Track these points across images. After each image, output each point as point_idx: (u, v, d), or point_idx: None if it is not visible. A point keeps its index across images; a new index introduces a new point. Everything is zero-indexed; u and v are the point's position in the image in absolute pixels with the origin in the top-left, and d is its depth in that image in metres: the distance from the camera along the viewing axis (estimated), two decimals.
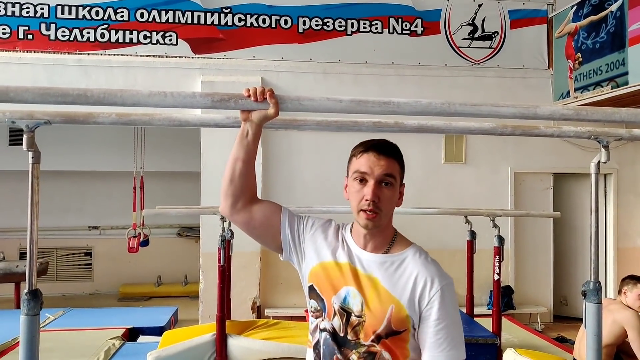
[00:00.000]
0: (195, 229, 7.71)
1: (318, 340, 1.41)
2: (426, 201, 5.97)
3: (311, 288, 1.43)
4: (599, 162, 1.83)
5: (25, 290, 1.72)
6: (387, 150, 1.41)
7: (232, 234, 4.13)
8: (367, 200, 1.34)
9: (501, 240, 4.06)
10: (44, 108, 1.80)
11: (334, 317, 1.37)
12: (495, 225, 4.08)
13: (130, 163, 6.99)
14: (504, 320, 5.42)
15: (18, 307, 6.29)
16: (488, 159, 6.31)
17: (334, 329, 1.37)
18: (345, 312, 1.36)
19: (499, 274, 4.07)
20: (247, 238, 5.15)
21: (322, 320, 1.39)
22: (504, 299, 6.04)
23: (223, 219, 3.75)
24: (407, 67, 6.18)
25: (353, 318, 1.36)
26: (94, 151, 7.44)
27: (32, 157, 1.74)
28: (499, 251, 4.06)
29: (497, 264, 4.05)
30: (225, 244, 3.75)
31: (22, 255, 7.68)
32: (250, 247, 5.66)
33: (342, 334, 1.36)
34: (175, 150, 7.51)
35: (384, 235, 1.41)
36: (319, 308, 1.41)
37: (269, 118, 1.38)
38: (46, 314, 5.45)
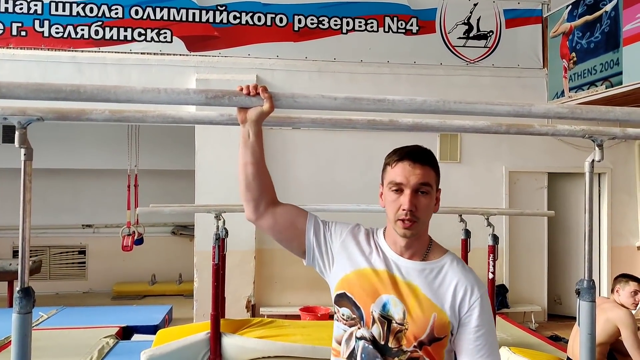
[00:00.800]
0: (189, 228, 7.69)
1: (354, 349, 1.38)
2: None
3: (343, 295, 1.40)
4: (593, 160, 1.83)
5: (18, 288, 1.71)
6: (422, 158, 1.40)
7: (226, 232, 4.12)
8: (404, 210, 1.34)
9: (495, 239, 4.08)
10: (36, 104, 1.79)
11: (373, 325, 1.36)
12: (489, 224, 4.10)
13: (124, 161, 6.96)
14: (498, 319, 5.46)
15: (11, 305, 6.25)
16: (483, 158, 6.32)
17: (373, 337, 1.35)
18: (386, 319, 1.35)
19: (494, 273, 4.09)
20: (241, 236, 5.17)
21: (359, 328, 1.37)
22: (498, 297, 6.06)
23: (218, 216, 3.74)
24: (403, 66, 6.18)
25: (394, 325, 1.35)
26: (88, 149, 7.40)
27: (25, 154, 1.72)
28: (493, 250, 4.07)
29: (491, 262, 4.07)
30: (220, 242, 3.74)
31: (15, 254, 7.63)
32: (244, 246, 5.66)
33: (382, 342, 1.35)
34: (169, 149, 7.49)
35: (421, 243, 1.41)
36: (354, 316, 1.38)
37: (265, 114, 1.38)
38: (39, 313, 5.42)
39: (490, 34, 6.37)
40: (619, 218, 6.56)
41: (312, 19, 6.05)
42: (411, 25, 6.24)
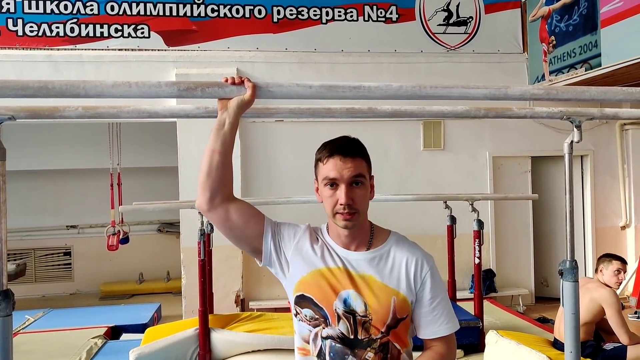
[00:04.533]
0: (175, 225, 7.63)
1: (321, 348, 1.41)
2: (405, 188, 6.01)
3: (302, 297, 1.43)
4: (572, 142, 1.84)
5: None
6: (352, 151, 1.41)
7: (211, 227, 4.08)
8: (342, 204, 1.37)
9: (480, 224, 4.11)
10: (7, 103, 1.75)
11: (339, 322, 1.39)
12: (474, 210, 4.12)
13: (106, 160, 6.87)
14: (486, 303, 5.50)
15: None
16: (466, 144, 6.35)
17: (342, 333, 1.39)
18: (350, 314, 1.39)
19: (480, 258, 4.12)
20: None
21: (325, 327, 1.40)
22: (485, 282, 6.12)
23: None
24: (384, 55, 6.17)
25: (359, 318, 1.39)
26: (69, 149, 7.29)
27: None
28: (478, 235, 4.10)
29: (477, 247, 4.10)
30: (205, 237, 3.71)
31: None
32: None
33: (352, 336, 1.38)
34: (151, 146, 7.40)
35: (363, 232, 1.45)
36: (317, 317, 1.41)
37: (246, 103, 1.37)
38: (25, 316, 5.35)
39: (470, 20, 6.38)
40: (602, 199, 6.65)
41: (291, 10, 6.00)
42: (391, 13, 6.22)
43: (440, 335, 1.41)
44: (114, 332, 4.89)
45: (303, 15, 6.03)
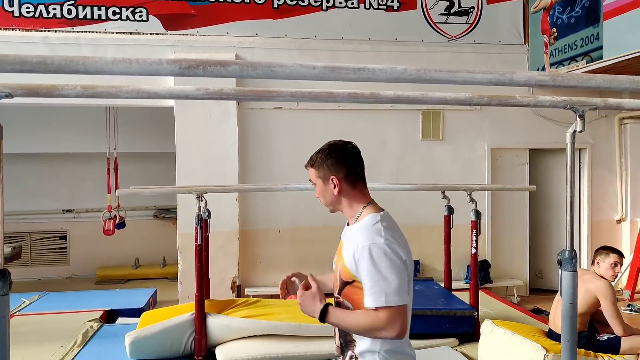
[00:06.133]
0: (172, 211, 7.61)
1: None
2: (403, 177, 6.00)
3: None
4: (574, 131, 1.84)
5: None
6: (307, 164, 1.79)
7: (208, 213, 4.08)
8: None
9: (478, 214, 4.11)
10: (4, 80, 1.72)
11: None
12: (472, 200, 4.12)
13: (103, 144, 6.83)
14: (481, 293, 5.51)
15: None
16: (465, 135, 6.34)
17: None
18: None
19: (476, 248, 4.13)
20: (225, 218, 5.12)
21: None
22: (481, 273, 6.14)
23: (199, 197, 3.69)
24: (384, 43, 6.13)
25: (332, 278, 1.80)
26: (66, 133, 7.23)
27: None
28: (476, 225, 4.11)
29: (474, 238, 4.11)
30: (202, 223, 3.70)
31: None
32: (228, 227, 5.62)
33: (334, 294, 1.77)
34: (148, 131, 7.35)
35: (351, 212, 1.76)
36: None
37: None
38: (21, 299, 5.35)
39: (472, 10, 6.34)
40: (599, 193, 6.66)
41: None
42: (392, 1, 6.16)
43: (368, 307, 1.58)
44: (109, 316, 4.90)
45: (303, 1, 5.97)
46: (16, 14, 5.50)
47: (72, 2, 5.57)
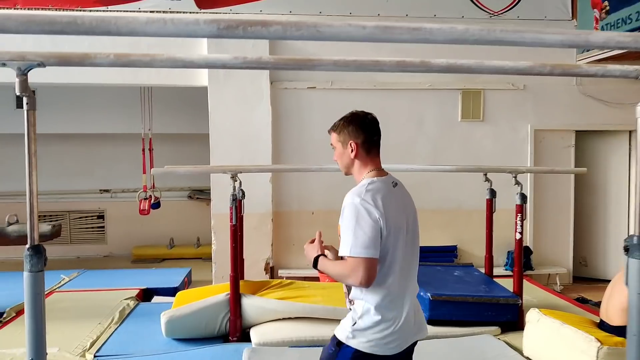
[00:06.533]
0: (205, 192, 7.63)
1: None
2: (441, 159, 5.81)
3: None
4: None
5: (27, 246, 1.60)
6: (330, 129, 2.02)
7: (243, 193, 4.01)
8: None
9: (524, 198, 3.92)
10: (36, 49, 1.66)
11: None
12: (517, 183, 3.93)
13: (138, 125, 6.86)
14: (522, 281, 5.32)
15: None
16: (506, 116, 6.07)
17: None
18: None
19: (521, 233, 3.94)
20: (258, 199, 5.03)
21: None
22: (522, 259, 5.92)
23: (234, 177, 3.62)
24: (423, 20, 5.86)
25: None
26: (102, 114, 7.30)
27: (27, 103, 1.59)
28: (521, 209, 3.91)
29: (519, 222, 3.92)
30: (237, 203, 3.63)
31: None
32: (261, 208, 5.56)
33: None
34: (183, 112, 7.35)
35: (359, 176, 1.94)
36: None
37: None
38: (61, 275, 5.45)
39: None
40: None
41: None
42: None
43: (340, 255, 1.80)
44: (145, 294, 4.93)
45: None
46: None
47: None
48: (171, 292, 4.93)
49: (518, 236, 3.93)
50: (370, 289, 1.77)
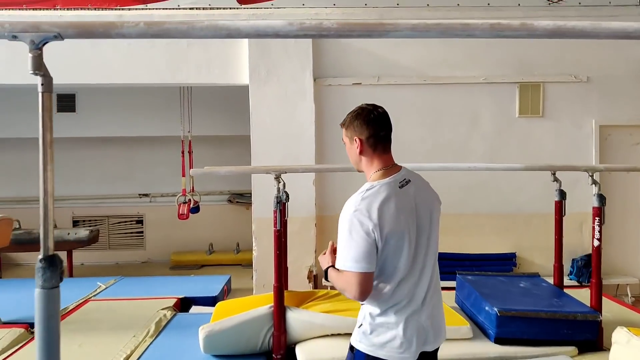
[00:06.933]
0: (246, 196, 7.41)
1: None
2: (498, 158, 5.39)
3: None
4: None
5: (40, 256, 1.32)
6: (341, 123, 1.96)
7: (287, 195, 3.70)
8: None
9: (602, 199, 3.45)
10: (53, 18, 1.40)
11: None
12: (594, 182, 3.47)
13: (177, 128, 6.70)
14: (589, 292, 4.81)
15: (71, 275, 6.20)
16: (569, 111, 5.58)
17: None
18: None
19: (600, 240, 3.48)
20: (301, 202, 4.71)
21: None
22: (587, 268, 5.40)
23: (278, 178, 3.32)
24: (475, 9, 5.47)
25: None
26: (140, 116, 7.20)
27: (42, 84, 1.31)
28: (599, 212, 3.45)
29: (597, 227, 3.46)
30: (281, 206, 3.31)
31: (75, 223, 7.62)
32: (304, 212, 5.25)
33: None
34: (223, 113, 7.17)
35: (367, 175, 1.89)
36: None
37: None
38: (97, 283, 5.29)
39: None
40: None
41: None
42: None
43: (336, 268, 1.78)
44: (183, 304, 4.70)
45: None
46: None
47: None
48: (210, 301, 4.68)
49: (596, 243, 3.47)
50: (373, 296, 1.75)
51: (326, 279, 1.88)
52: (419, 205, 1.81)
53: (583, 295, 4.22)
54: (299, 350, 3.28)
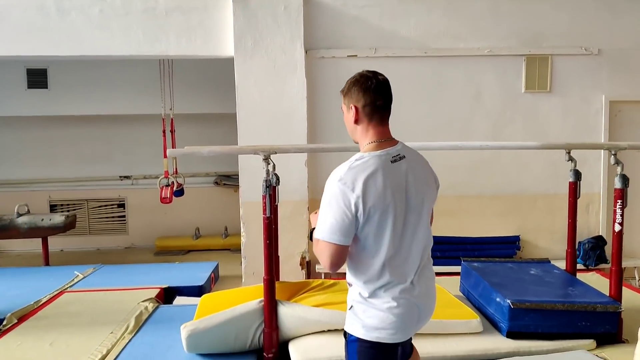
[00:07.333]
0: (233, 177, 7.04)
1: None
2: (502, 136, 5.08)
3: None
4: None
5: None
6: (340, 91, 1.87)
7: (277, 179, 3.35)
8: None
9: (625, 180, 3.15)
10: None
11: None
12: (617, 162, 3.15)
13: (158, 105, 6.26)
14: (596, 276, 4.56)
15: (47, 263, 5.82)
16: (578, 86, 5.24)
17: None
18: None
19: (621, 224, 3.18)
20: (292, 185, 4.34)
21: None
22: (595, 251, 5.16)
23: (267, 159, 2.95)
24: None
25: None
26: (119, 93, 6.72)
27: None
28: (621, 195, 3.16)
29: (619, 210, 3.16)
30: (271, 190, 2.95)
31: (52, 208, 7.21)
32: (295, 196, 4.90)
33: None
34: (207, 90, 6.74)
35: (360, 145, 1.82)
36: None
37: None
38: (74, 272, 4.92)
39: None
40: None
41: None
42: None
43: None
44: (167, 294, 4.36)
45: None
46: None
47: None
48: (196, 291, 4.36)
49: (617, 227, 3.18)
50: (357, 275, 1.73)
51: (310, 239, 1.83)
52: (411, 182, 1.73)
53: (590, 280, 3.98)
54: (292, 347, 2.97)
